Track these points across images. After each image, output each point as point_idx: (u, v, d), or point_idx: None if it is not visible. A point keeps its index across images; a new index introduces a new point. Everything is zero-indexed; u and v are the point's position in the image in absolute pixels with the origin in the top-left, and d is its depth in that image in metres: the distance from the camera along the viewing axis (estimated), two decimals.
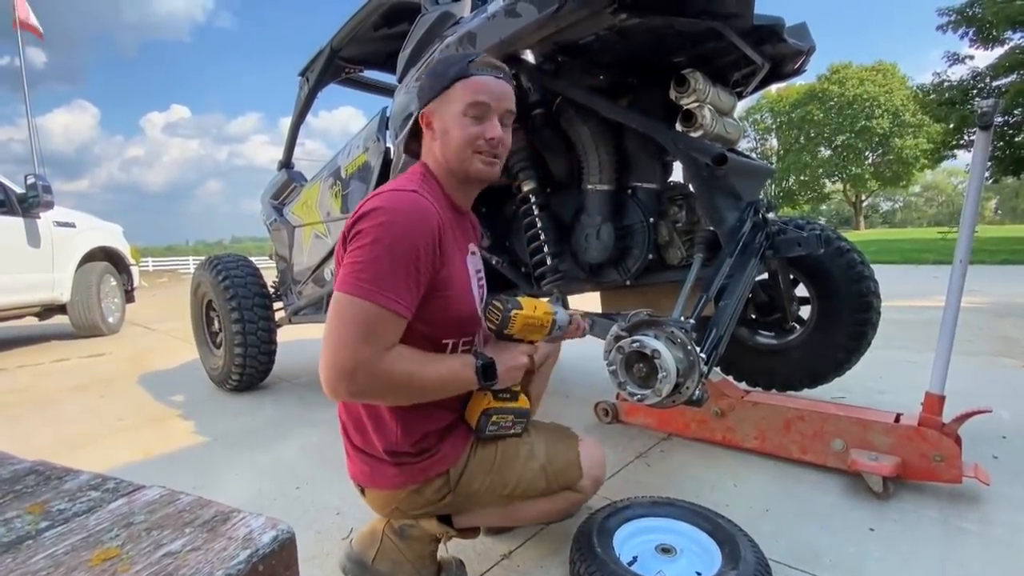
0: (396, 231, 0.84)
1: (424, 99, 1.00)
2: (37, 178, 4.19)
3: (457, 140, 0.95)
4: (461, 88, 0.95)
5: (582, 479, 1.08)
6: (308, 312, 2.63)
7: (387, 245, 0.83)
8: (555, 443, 1.10)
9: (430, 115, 0.99)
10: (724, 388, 1.73)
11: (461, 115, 0.95)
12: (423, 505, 1.00)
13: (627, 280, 1.67)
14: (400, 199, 0.88)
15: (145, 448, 2.06)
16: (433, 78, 0.99)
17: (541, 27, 1.33)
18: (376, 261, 0.82)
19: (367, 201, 0.89)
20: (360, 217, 0.87)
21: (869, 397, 2.13)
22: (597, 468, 1.12)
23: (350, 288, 0.82)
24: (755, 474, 1.57)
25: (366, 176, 1.96)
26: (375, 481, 0.99)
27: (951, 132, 15.75)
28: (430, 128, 1.00)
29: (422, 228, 0.86)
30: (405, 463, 0.96)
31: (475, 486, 1.01)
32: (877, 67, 36.02)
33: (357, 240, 0.85)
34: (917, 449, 1.40)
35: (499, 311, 0.97)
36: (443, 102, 0.97)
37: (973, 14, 13.88)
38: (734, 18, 1.39)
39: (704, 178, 1.46)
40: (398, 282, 0.83)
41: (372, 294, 0.81)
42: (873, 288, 1.85)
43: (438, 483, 0.99)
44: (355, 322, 0.81)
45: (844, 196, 44.12)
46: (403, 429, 0.95)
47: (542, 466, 1.05)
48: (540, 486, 1.05)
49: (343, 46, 2.41)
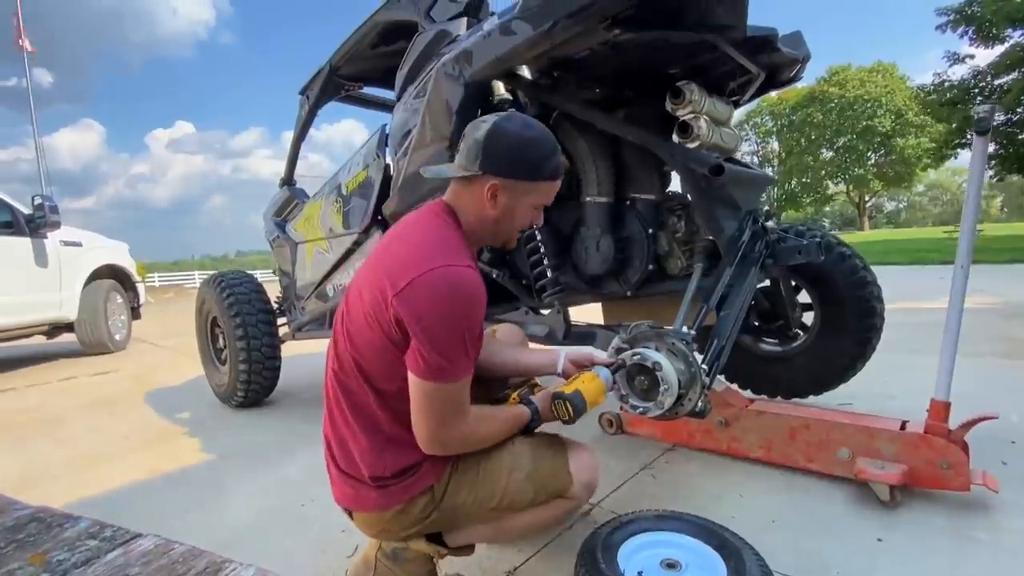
0: (462, 314, 0.90)
1: (505, 171, 0.96)
2: (44, 199, 4.25)
3: (518, 225, 1.04)
4: (547, 187, 1.01)
5: (572, 485, 1.05)
6: (311, 328, 2.64)
7: (456, 329, 0.89)
8: (541, 452, 1.07)
9: (500, 189, 0.97)
10: (728, 397, 1.72)
11: (532, 207, 1.02)
12: (411, 524, 1.00)
13: (628, 291, 1.67)
14: (459, 280, 0.90)
15: (152, 467, 2.07)
16: (525, 165, 0.97)
17: (536, 44, 1.35)
18: (450, 345, 0.89)
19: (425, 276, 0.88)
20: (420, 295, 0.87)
21: (877, 403, 2.11)
22: (587, 472, 1.08)
23: (433, 376, 0.89)
24: (761, 484, 1.56)
25: (367, 192, 1.98)
26: (360, 504, 1.00)
27: (954, 132, 15.68)
28: (493, 198, 0.98)
29: (479, 307, 0.93)
30: (388, 485, 0.97)
31: (460, 499, 1.00)
32: (876, 68, 36.04)
33: (425, 326, 0.87)
34: (924, 457, 1.39)
35: (570, 414, 1.04)
36: (525, 190, 0.99)
37: (972, 13, 13.87)
38: (728, 30, 1.40)
39: (702, 188, 1.47)
40: (468, 353, 0.92)
41: (451, 375, 0.90)
42: (876, 293, 1.84)
43: (423, 501, 0.99)
44: (443, 402, 0.92)
45: (847, 197, 43.99)
46: (387, 458, 0.97)
47: (527, 475, 1.02)
48: (527, 496, 1.03)
49: (342, 64, 2.44)
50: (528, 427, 1.08)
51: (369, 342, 0.95)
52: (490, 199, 0.98)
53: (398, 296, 0.88)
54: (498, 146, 0.95)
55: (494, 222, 1.01)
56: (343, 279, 2.24)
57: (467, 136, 1.00)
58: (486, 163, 0.96)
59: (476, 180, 0.98)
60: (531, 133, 0.98)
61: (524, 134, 0.97)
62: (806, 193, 39.81)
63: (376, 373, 0.96)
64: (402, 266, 0.90)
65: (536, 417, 1.09)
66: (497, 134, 0.96)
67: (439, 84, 1.57)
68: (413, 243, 0.96)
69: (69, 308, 4.53)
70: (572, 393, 1.04)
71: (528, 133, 0.98)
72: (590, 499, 1.13)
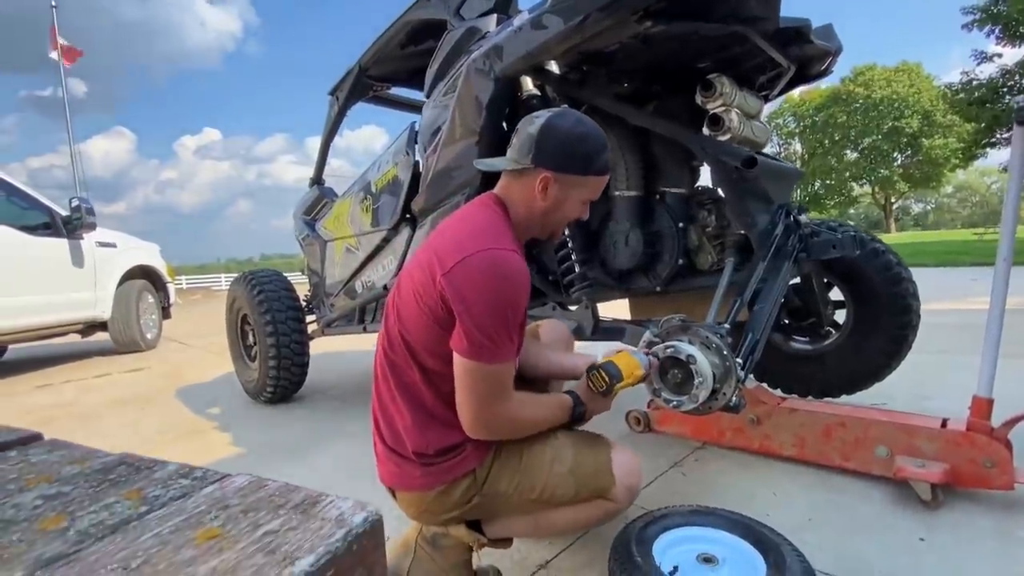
0: (506, 296, 0.92)
1: (555, 165, 0.99)
2: (81, 200, 4.39)
3: (567, 217, 1.05)
4: (596, 181, 1.03)
5: (614, 487, 1.05)
6: (340, 324, 2.68)
7: (504, 310, 0.91)
8: (584, 448, 1.07)
9: (552, 181, 0.99)
10: (760, 395, 1.70)
11: (581, 201, 1.04)
12: (452, 507, 1.01)
13: (657, 286, 1.66)
14: (505, 263, 0.92)
15: (185, 459, 2.10)
16: (578, 160, 0.99)
17: (567, 38, 1.35)
18: (493, 326, 0.91)
19: (472, 258, 0.90)
20: (467, 275, 0.90)
21: (914, 404, 2.05)
22: (631, 476, 1.07)
23: (476, 355, 0.91)
24: (795, 483, 1.54)
25: (396, 190, 2.01)
26: (403, 482, 1.02)
27: (983, 131, 15.27)
28: (544, 190, 1.00)
29: (523, 290, 0.95)
30: (432, 464, 0.99)
31: (502, 487, 1.01)
32: (902, 67, 35.24)
33: (469, 305, 0.90)
34: (966, 455, 1.35)
35: (605, 382, 1.06)
36: (575, 183, 1.01)
37: (999, 11, 13.52)
38: (759, 21, 1.39)
39: (734, 181, 1.46)
40: (511, 337, 0.94)
41: (494, 357, 0.92)
42: (912, 290, 1.80)
43: (465, 483, 1.00)
44: (486, 382, 0.93)
45: (873, 199, 43.01)
46: (430, 435, 0.99)
47: (570, 470, 1.03)
48: (569, 492, 1.03)
49: (371, 65, 2.48)
50: (573, 414, 1.08)
51: (416, 319, 0.97)
52: (541, 191, 1.00)
53: (445, 276, 0.91)
54: (550, 140, 0.98)
55: (543, 214, 1.03)
56: (371, 276, 2.26)
57: (520, 130, 1.02)
58: (538, 157, 0.98)
59: (528, 173, 1.00)
60: (583, 129, 1.00)
61: (576, 130, 0.99)
62: (830, 195, 39.01)
63: (422, 349, 0.98)
64: (450, 248, 0.93)
65: (578, 402, 1.09)
66: (550, 129, 0.98)
67: (469, 80, 1.58)
68: (463, 227, 0.99)
69: (103, 307, 4.66)
70: (606, 362, 1.07)
71: (580, 129, 1.00)
72: (631, 503, 1.10)
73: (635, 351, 1.14)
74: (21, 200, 4.16)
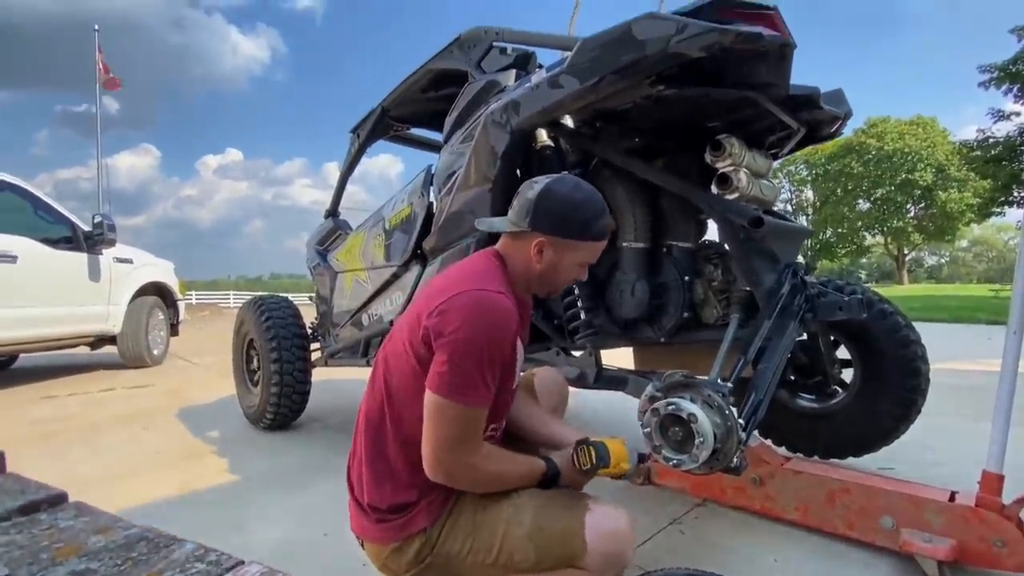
0: (487, 335, 0.91)
1: (549, 229, 1.01)
2: (104, 217, 4.52)
3: (561, 280, 1.06)
4: (592, 247, 1.05)
5: (586, 555, 0.91)
6: (343, 355, 2.69)
7: (478, 348, 0.91)
8: (550, 509, 0.96)
9: (547, 245, 1.01)
10: (763, 454, 1.67)
11: (577, 264, 1.05)
12: (407, 566, 0.99)
13: (661, 337, 1.66)
14: (490, 302, 0.93)
15: (181, 483, 2.11)
16: (572, 226, 1.01)
17: (582, 97, 1.41)
18: (467, 364, 0.90)
19: (458, 296, 0.92)
20: (450, 312, 0.91)
21: (923, 470, 2.00)
22: (610, 542, 0.92)
23: (447, 393, 0.90)
24: (797, 549, 1.49)
25: (409, 228, 2.05)
26: (365, 533, 1.02)
27: (1000, 189, 15.29)
28: (540, 253, 1.02)
29: (507, 332, 0.94)
30: (385, 520, 0.99)
31: (456, 549, 0.97)
32: (916, 121, 35.64)
33: (449, 340, 0.90)
34: (975, 532, 1.31)
35: (591, 461, 1.03)
36: (569, 247, 1.02)
37: (1017, 71, 13.74)
38: (770, 87, 1.43)
39: (741, 240, 1.47)
40: (487, 380, 0.92)
41: (466, 398, 0.91)
42: (920, 353, 1.78)
43: (417, 543, 0.98)
44: (454, 423, 0.91)
45: (885, 249, 42.84)
46: (385, 490, 0.99)
47: (527, 533, 0.93)
48: (528, 558, 0.93)
49: (393, 107, 2.58)
50: (543, 480, 1.03)
51: (400, 363, 0.99)
52: (536, 254, 1.02)
53: (431, 315, 0.93)
54: (547, 206, 1.00)
55: (539, 276, 1.05)
56: (379, 309, 2.29)
57: (520, 194, 1.05)
58: (535, 221, 1.01)
59: (525, 236, 1.03)
60: (580, 196, 1.03)
61: (574, 196, 1.02)
62: (841, 244, 38.96)
63: (399, 396, 0.99)
64: (439, 291, 0.96)
65: (554, 471, 1.04)
66: (548, 194, 1.01)
67: (486, 130, 1.64)
68: (455, 273, 1.02)
69: (115, 321, 4.73)
70: (597, 442, 1.04)
71: (577, 195, 1.02)
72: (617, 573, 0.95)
73: (630, 447, 1.11)
74: (46, 214, 4.28)
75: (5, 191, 4.02)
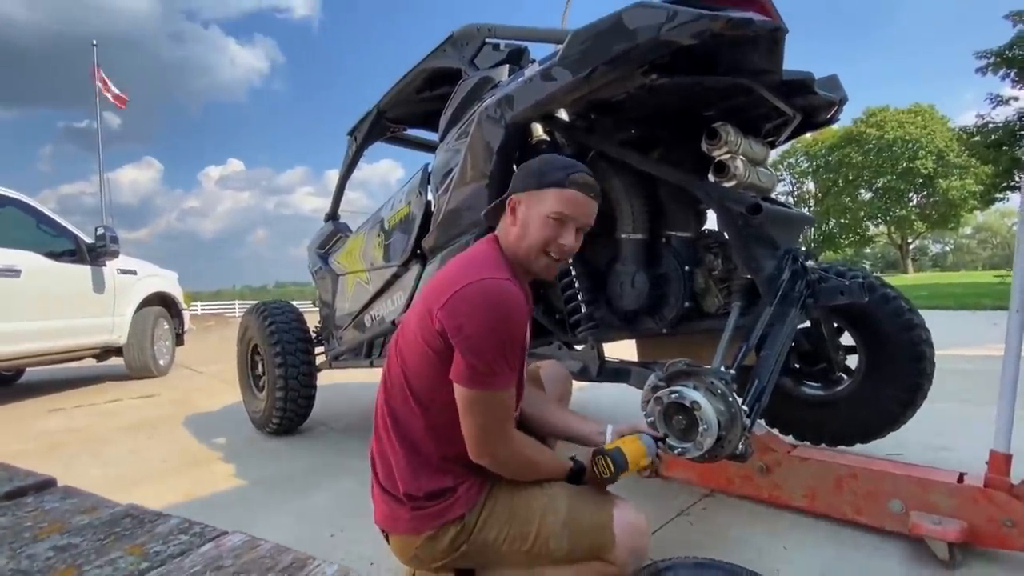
0: (502, 323, 0.93)
1: (518, 187, 1.06)
2: (106, 229, 4.54)
3: (534, 237, 1.04)
4: (553, 195, 1.03)
5: (615, 547, 0.98)
6: (347, 358, 2.69)
7: (500, 338, 0.93)
8: (582, 502, 1.03)
9: (517, 202, 1.05)
10: (769, 442, 1.66)
11: (545, 216, 1.03)
12: (440, 554, 1.00)
13: (663, 328, 1.66)
14: (498, 289, 0.94)
15: (187, 489, 2.11)
16: (533, 175, 1.05)
17: (575, 89, 1.40)
18: (491, 353, 0.93)
19: (466, 288, 0.93)
20: (461, 305, 0.92)
21: (931, 455, 1.99)
22: (635, 537, 1.00)
23: (476, 384, 0.93)
24: (806, 536, 1.49)
25: (408, 227, 2.05)
26: (394, 525, 1.02)
27: (1001, 174, 15.21)
28: (514, 213, 1.06)
29: (519, 314, 0.96)
30: (421, 507, 0.99)
31: (491, 536, 0.99)
32: (915, 109, 35.51)
33: (465, 334, 0.92)
34: (984, 513, 1.30)
35: (610, 470, 1.03)
36: (534, 199, 1.04)
37: (1014, 56, 13.67)
38: (764, 74, 1.43)
39: (739, 227, 1.47)
40: (510, 364, 0.96)
41: (493, 384, 0.94)
42: (925, 337, 1.77)
43: (453, 530, 0.99)
44: (489, 410, 0.95)
45: (889, 239, 42.67)
46: (421, 477, 0.99)
47: (563, 522, 0.99)
48: (562, 546, 0.98)
49: (388, 108, 2.59)
50: (570, 476, 1.08)
51: (418, 357, 0.99)
52: (510, 215, 1.06)
53: (442, 308, 0.93)
54: (519, 172, 1.09)
55: (517, 238, 1.05)
56: (381, 310, 2.29)
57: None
58: (511, 188, 1.08)
59: (507, 205, 1.08)
60: (548, 156, 1.09)
61: (543, 157, 1.08)
62: (844, 234, 38.81)
63: (421, 386, 1.00)
64: (447, 282, 0.97)
65: (579, 466, 1.09)
66: (523, 165, 1.09)
67: (481, 126, 1.64)
68: (459, 263, 1.03)
69: (120, 333, 4.75)
70: (613, 450, 1.04)
71: (546, 157, 1.08)
72: (637, 567, 1.02)
73: (644, 436, 1.11)
74: (49, 227, 4.31)
75: (8, 206, 4.05)
